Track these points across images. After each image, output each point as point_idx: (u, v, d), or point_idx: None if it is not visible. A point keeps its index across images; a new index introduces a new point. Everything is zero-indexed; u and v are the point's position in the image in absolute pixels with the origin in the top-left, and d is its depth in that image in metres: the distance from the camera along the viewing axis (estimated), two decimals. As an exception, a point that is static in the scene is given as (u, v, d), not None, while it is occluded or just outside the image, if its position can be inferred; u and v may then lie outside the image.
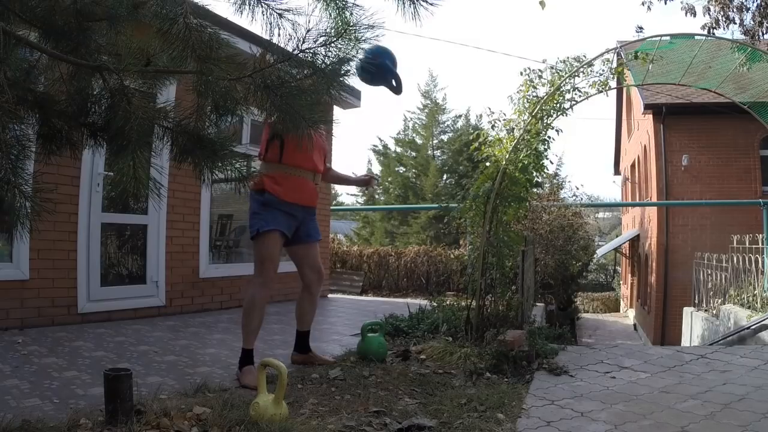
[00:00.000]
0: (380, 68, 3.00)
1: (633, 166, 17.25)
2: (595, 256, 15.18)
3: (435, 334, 4.17)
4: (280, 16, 1.86)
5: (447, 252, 10.69)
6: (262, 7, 1.85)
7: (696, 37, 6.74)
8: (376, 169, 20.60)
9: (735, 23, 6.38)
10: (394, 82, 3.08)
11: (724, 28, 6.40)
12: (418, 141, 20.42)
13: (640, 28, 6.90)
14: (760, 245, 7.16)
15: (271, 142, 3.09)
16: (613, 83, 4.63)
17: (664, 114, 12.56)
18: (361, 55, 2.03)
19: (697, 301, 8.77)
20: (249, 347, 3.02)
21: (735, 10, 6.32)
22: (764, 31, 6.32)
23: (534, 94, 4.46)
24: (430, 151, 19.97)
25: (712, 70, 7.12)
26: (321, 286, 3.42)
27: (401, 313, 5.03)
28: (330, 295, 8.01)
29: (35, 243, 4.07)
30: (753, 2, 6.32)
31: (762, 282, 6.87)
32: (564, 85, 4.45)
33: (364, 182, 3.66)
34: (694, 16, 6.58)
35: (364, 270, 10.83)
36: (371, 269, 10.91)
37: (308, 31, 1.87)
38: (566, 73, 4.45)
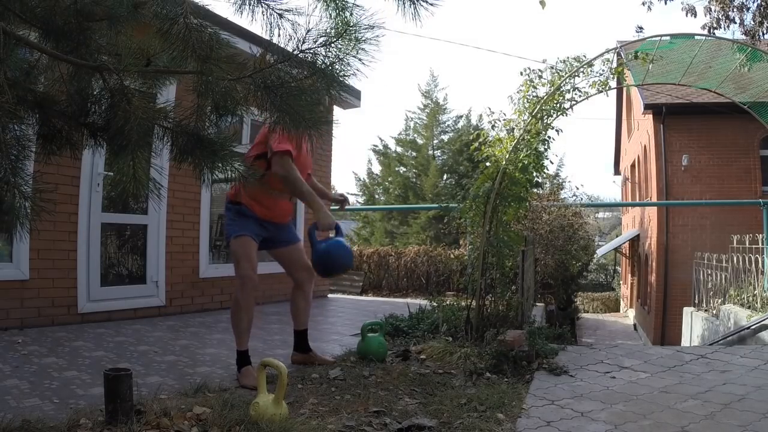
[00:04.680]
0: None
1: (633, 166, 17.24)
2: (595, 256, 15.18)
3: (435, 334, 4.17)
4: (280, 16, 1.86)
5: (447, 252, 10.69)
6: (262, 7, 1.85)
7: (696, 37, 6.74)
8: (377, 168, 20.60)
9: (735, 23, 6.39)
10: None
11: (724, 28, 6.40)
12: (419, 141, 20.39)
13: (640, 28, 6.90)
14: (760, 245, 7.15)
15: (258, 160, 3.11)
16: (613, 83, 4.63)
17: (664, 114, 12.56)
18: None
19: (697, 301, 8.77)
20: (242, 349, 3.04)
21: (735, 9, 6.32)
22: (764, 31, 6.32)
23: (534, 94, 4.46)
24: (430, 151, 19.95)
25: (712, 70, 7.12)
26: (312, 283, 3.44)
27: (401, 313, 5.03)
28: (330, 295, 8.01)
29: (35, 243, 4.07)
30: (753, 2, 6.32)
31: (762, 282, 6.87)
32: (564, 85, 4.44)
33: (339, 201, 3.71)
34: (695, 16, 6.59)
35: (364, 270, 10.83)
36: (371, 269, 10.91)
37: (308, 31, 1.87)
38: (566, 73, 4.44)
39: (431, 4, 1.83)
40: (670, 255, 12.34)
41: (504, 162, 4.23)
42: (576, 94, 4.48)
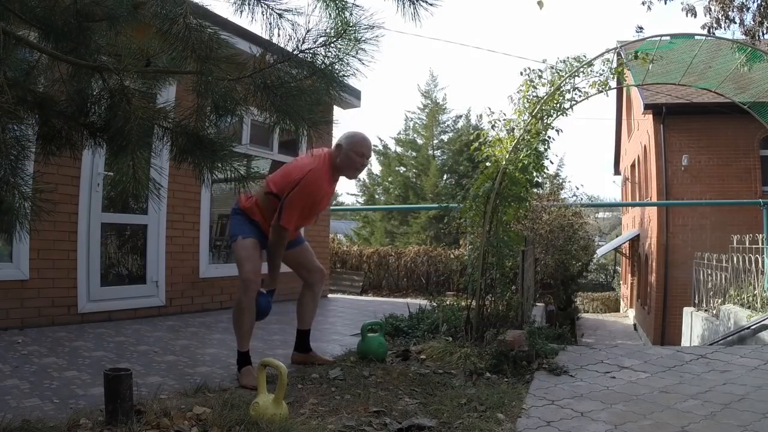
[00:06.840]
0: None
1: (633, 166, 17.24)
2: (595, 256, 15.18)
3: (435, 334, 4.17)
4: (280, 16, 1.86)
5: (447, 252, 10.69)
6: (262, 7, 1.85)
7: (696, 37, 6.75)
8: (376, 169, 20.60)
9: (735, 23, 6.39)
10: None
11: (724, 28, 6.41)
12: (419, 141, 20.38)
13: (640, 28, 6.90)
14: (760, 245, 7.15)
15: (271, 195, 3.13)
16: (613, 83, 4.63)
17: (664, 114, 12.55)
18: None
19: (697, 301, 8.77)
20: (243, 350, 3.04)
21: (735, 9, 6.32)
22: (764, 31, 6.32)
23: (534, 94, 4.46)
24: (430, 151, 19.93)
25: (712, 70, 7.12)
26: (323, 284, 3.46)
27: (401, 313, 5.03)
28: (330, 295, 8.01)
29: (35, 243, 4.07)
30: (753, 2, 6.32)
31: (762, 282, 6.87)
32: (564, 85, 4.44)
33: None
34: (695, 16, 6.59)
35: (364, 270, 10.83)
36: (371, 269, 10.91)
37: (308, 31, 1.88)
38: (566, 73, 4.44)
39: (431, 4, 1.83)
40: (670, 255, 12.33)
41: (504, 162, 4.23)
42: (576, 94, 4.48)
